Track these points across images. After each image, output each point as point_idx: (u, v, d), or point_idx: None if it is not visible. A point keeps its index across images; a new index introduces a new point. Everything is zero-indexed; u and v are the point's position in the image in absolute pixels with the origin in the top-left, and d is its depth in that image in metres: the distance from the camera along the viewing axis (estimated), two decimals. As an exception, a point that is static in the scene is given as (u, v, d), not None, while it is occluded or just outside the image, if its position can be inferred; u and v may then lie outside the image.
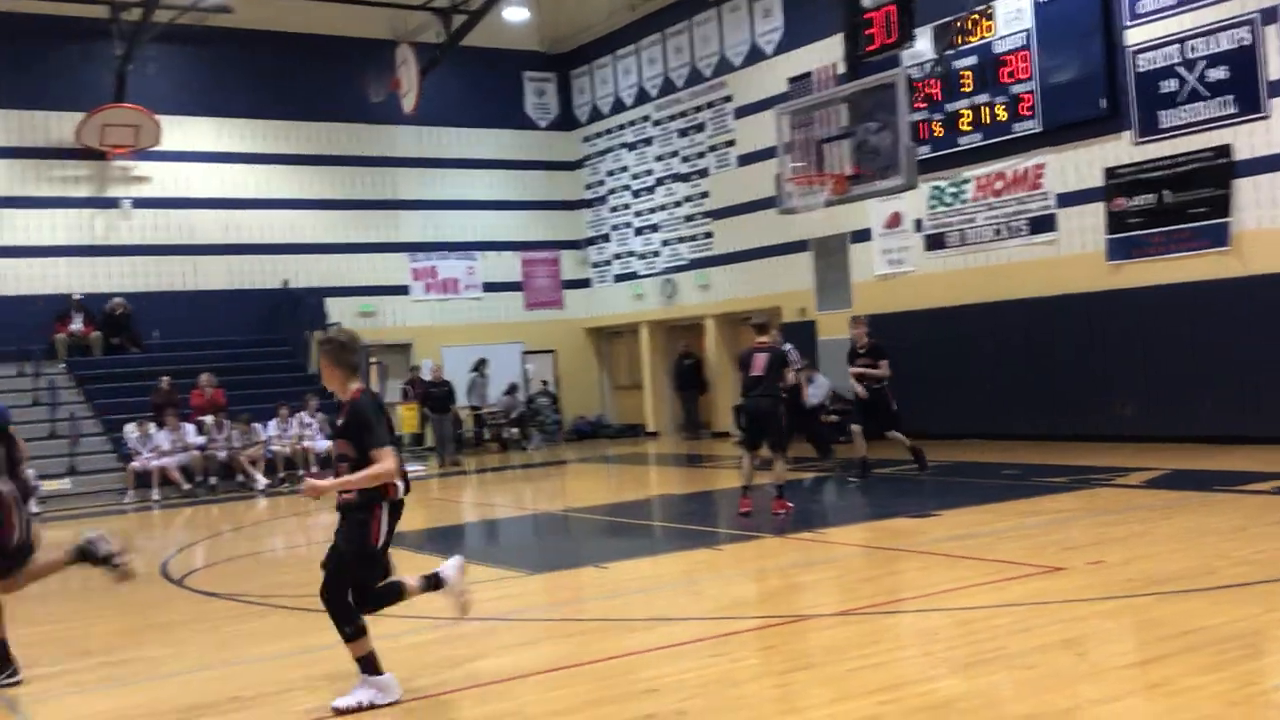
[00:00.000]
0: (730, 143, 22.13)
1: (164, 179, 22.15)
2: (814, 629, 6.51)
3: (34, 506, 16.21)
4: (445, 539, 11.83)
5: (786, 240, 20.47)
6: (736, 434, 21.00)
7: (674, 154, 23.57)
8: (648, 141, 24.22)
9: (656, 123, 23.94)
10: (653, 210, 24.21)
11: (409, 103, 22.10)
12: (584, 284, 26.16)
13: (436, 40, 22.24)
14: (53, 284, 20.96)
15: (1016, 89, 16.66)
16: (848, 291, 19.71)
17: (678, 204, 23.54)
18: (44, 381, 19.18)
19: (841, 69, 17.99)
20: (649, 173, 24.23)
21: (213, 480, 17.98)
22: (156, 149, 21.65)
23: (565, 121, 26.22)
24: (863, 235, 19.35)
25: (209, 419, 18.47)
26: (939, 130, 17.67)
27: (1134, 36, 15.37)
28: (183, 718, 5.47)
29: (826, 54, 19.23)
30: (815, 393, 19.55)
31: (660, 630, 6.77)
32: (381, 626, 7.39)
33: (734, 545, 9.78)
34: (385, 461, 5.33)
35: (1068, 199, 16.33)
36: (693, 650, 6.21)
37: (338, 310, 23.04)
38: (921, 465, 13.77)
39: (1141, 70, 15.28)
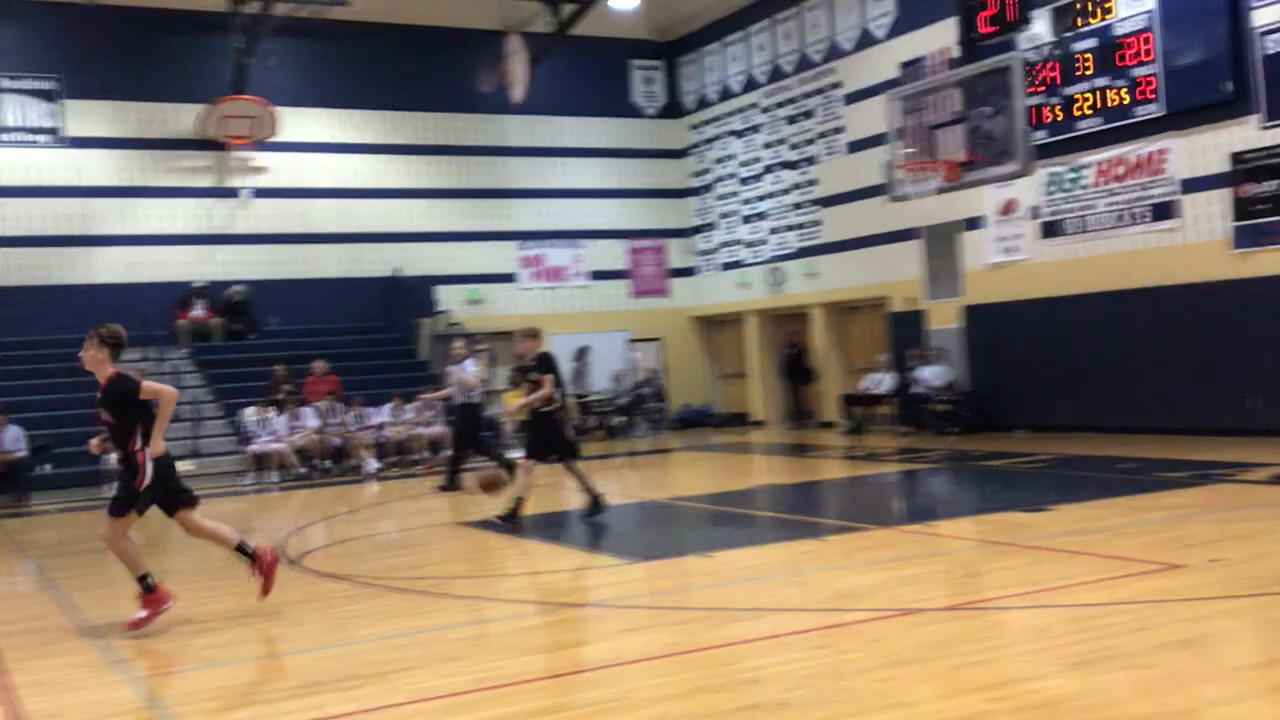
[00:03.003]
0: (839, 129, 21.89)
1: (281, 169, 22.71)
2: (921, 623, 6.42)
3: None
4: (551, 526, 11.94)
5: (896, 228, 20.19)
6: (844, 424, 20.82)
7: (782, 141, 23.39)
8: (755, 129, 24.08)
9: (765, 110, 23.79)
10: (760, 198, 24.08)
11: (518, 92, 22.29)
12: (690, 272, 26.14)
13: (546, 30, 22.39)
14: (175, 272, 21.66)
15: (1138, 72, 16.16)
16: (959, 280, 19.38)
17: (785, 192, 23.37)
18: (167, 366, 19.82)
19: (955, 53, 17.63)
20: (756, 160, 24.09)
21: (327, 464, 18.42)
22: (274, 140, 22.21)
23: (672, 109, 26.20)
24: (975, 223, 18.99)
25: (323, 404, 18.90)
26: (1056, 114, 17.24)
27: (1261, 17, 14.80)
28: (300, 695, 5.61)
29: (939, 38, 18.89)
30: (927, 380, 19.31)
31: (764, 620, 6.75)
32: (492, 610, 7.51)
33: (840, 536, 9.69)
34: None
35: (1191, 185, 15.81)
36: (797, 641, 6.18)
37: (447, 298, 23.42)
38: (595, 509, 11.47)
39: (1270, 52, 14.71)
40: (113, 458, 8.36)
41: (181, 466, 16.95)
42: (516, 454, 12.94)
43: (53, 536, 13.49)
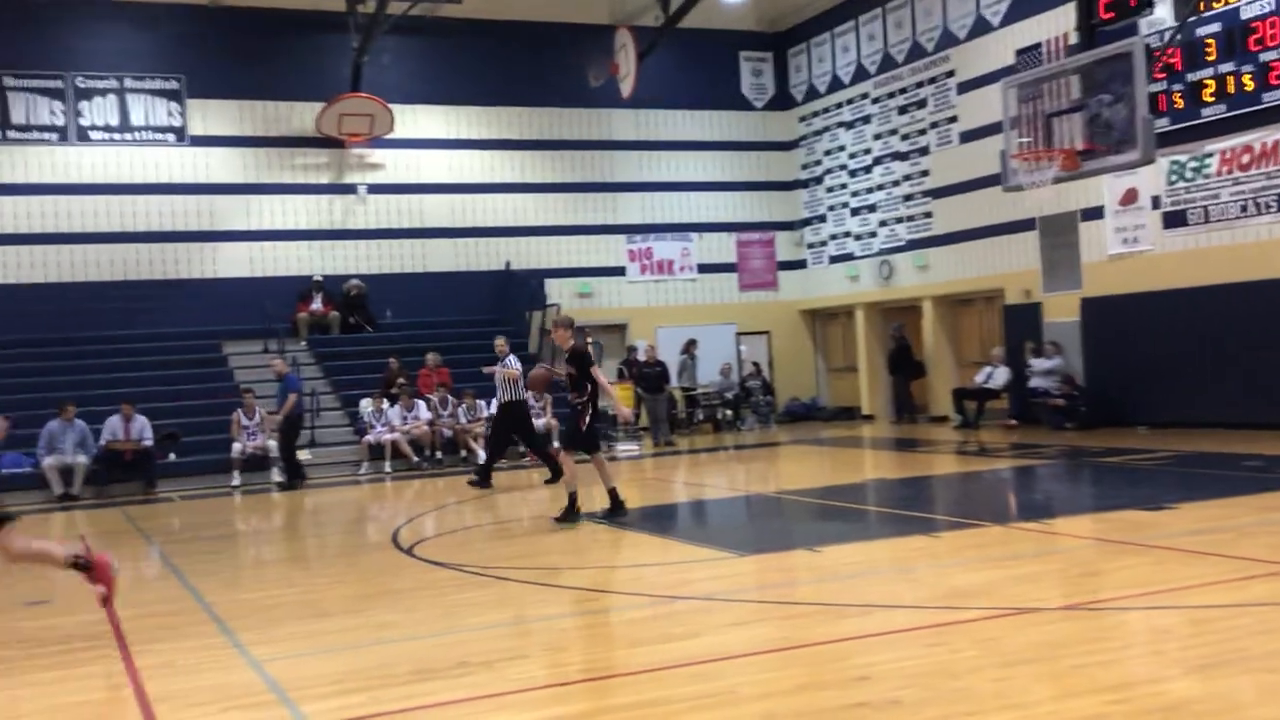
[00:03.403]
0: (952, 119, 21.51)
1: (396, 165, 23.15)
2: (1037, 623, 6.28)
3: (276, 475, 17.33)
4: (658, 519, 11.98)
5: (1011, 219, 19.75)
6: (956, 419, 20.47)
7: (893, 132, 23.07)
8: (866, 120, 23.79)
9: (875, 100, 23.49)
10: (870, 190, 23.78)
11: (627, 86, 22.36)
12: (799, 265, 25.95)
13: (655, 23, 22.41)
14: (295, 266, 22.23)
15: (1267, 57, 15.55)
16: (1077, 272, 18.89)
17: (896, 183, 23.05)
18: (287, 358, 20.31)
19: (1073, 39, 17.20)
20: (867, 152, 23.80)
21: (439, 454, 18.72)
22: (389, 137, 22.65)
23: (781, 101, 26.02)
24: (1094, 213, 18.49)
25: (435, 396, 19.22)
26: (1179, 102, 16.68)
27: (1404, -6, 14.13)
28: (412, 680, 5.72)
29: (1057, 24, 18.43)
30: (1043, 374, 18.88)
31: (874, 617, 6.67)
32: (599, 601, 7.55)
33: (952, 533, 9.53)
34: None
35: (1324, 172, 15.18)
36: (908, 639, 6.09)
37: (557, 291, 23.62)
38: (615, 510, 11.23)
39: None
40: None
41: (298, 456, 17.51)
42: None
43: (175, 524, 13.96)
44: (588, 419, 11.01)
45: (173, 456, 17.82)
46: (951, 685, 5.19)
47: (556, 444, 11.79)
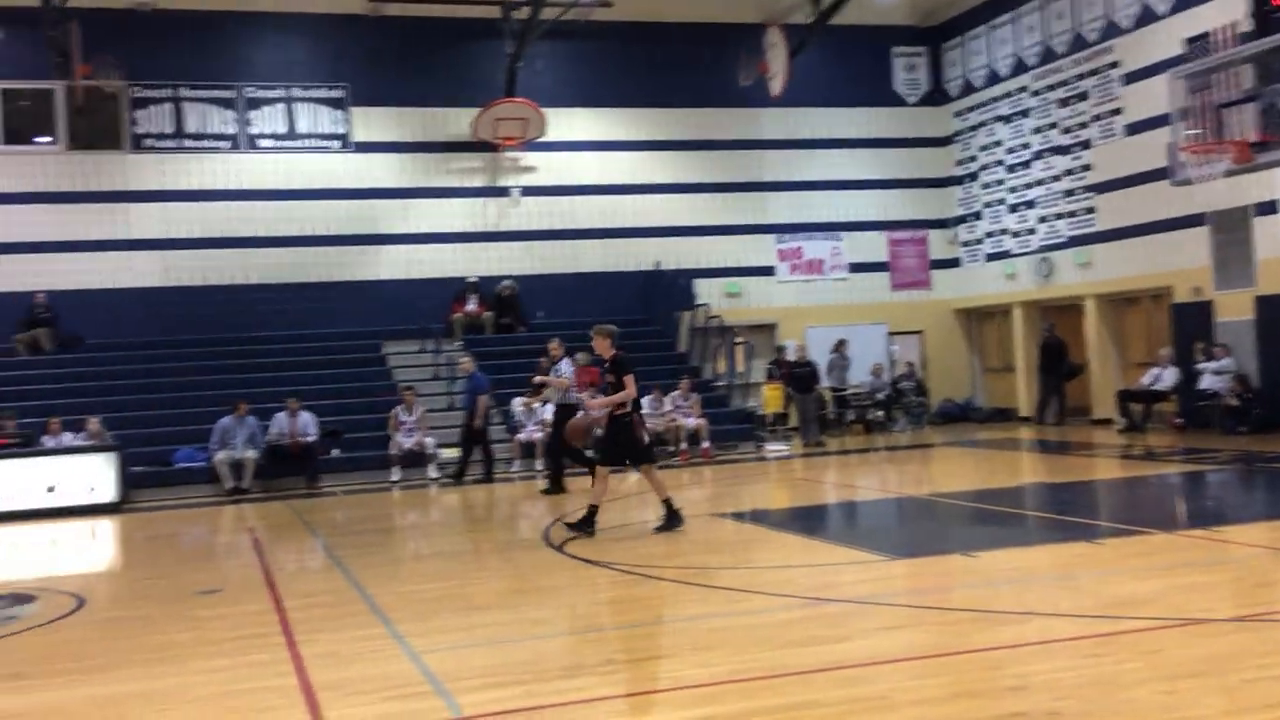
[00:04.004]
0: (1116, 111, 20.75)
1: (548, 168, 23.50)
2: (1206, 634, 6.01)
3: (433, 471, 17.78)
4: (808, 519, 11.88)
5: (1180, 214, 18.96)
6: (1120, 421, 19.75)
7: (1053, 125, 22.39)
8: (1024, 113, 23.14)
9: (1035, 93, 22.83)
10: (1028, 186, 23.13)
11: (776, 85, 22.23)
12: (953, 264, 25.40)
13: (805, 21, 22.23)
14: (450, 268, 22.76)
15: None
16: (1251, 269, 18.02)
17: (1056, 178, 22.36)
18: (443, 358, 20.85)
19: (1246, 27, 16.43)
20: (1025, 146, 23.15)
21: (589, 453, 18.90)
22: (542, 140, 23.01)
23: (935, 96, 25.51)
24: (1269, 207, 17.60)
25: (584, 396, 19.39)
26: (1364, 88, 15.75)
27: None
28: (564, 676, 5.80)
29: (1228, 11, 17.59)
30: (1214, 375, 18.10)
31: (1032, 625, 6.48)
32: (748, 602, 7.53)
33: (1116, 540, 9.20)
34: None
35: None
36: (1068, 648, 5.91)
37: (706, 291, 23.64)
38: (671, 522, 10.77)
39: None
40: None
41: (453, 453, 17.92)
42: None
43: (339, 517, 14.42)
44: (642, 430, 10.79)
45: (335, 452, 18.42)
46: (1114, 697, 5.02)
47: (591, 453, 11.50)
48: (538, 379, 15.95)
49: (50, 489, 15.85)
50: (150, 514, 15.51)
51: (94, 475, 16.09)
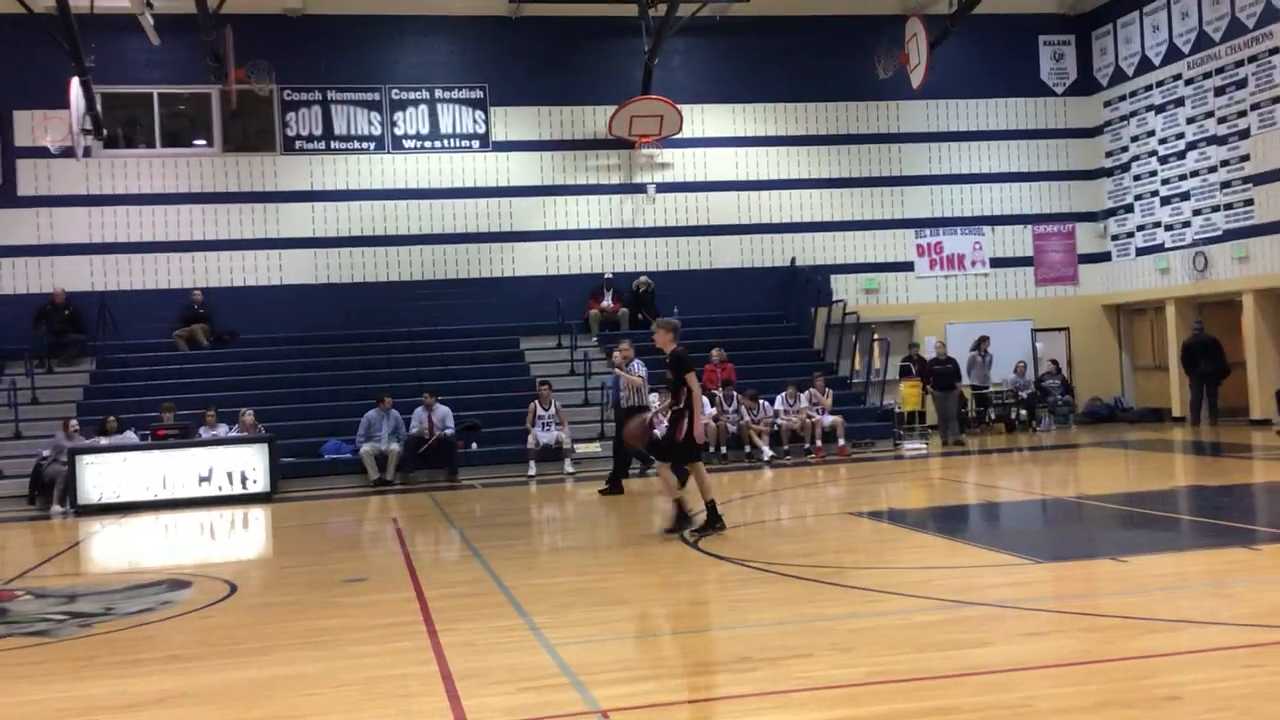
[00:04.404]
0: (1277, 100, 19.82)
1: (684, 164, 23.53)
2: (1376, 649, 5.70)
3: (568, 465, 17.97)
4: (947, 520, 11.65)
5: (1347, 205, 18.03)
6: (1279, 421, 18.85)
7: (1209, 115, 21.49)
8: (1178, 102, 22.27)
9: (1189, 81, 21.95)
10: (1182, 177, 22.25)
11: (917, 77, 21.82)
12: (1102, 258, 24.60)
13: (947, 10, 21.77)
14: (587, 264, 22.99)
15: None
16: None
17: (1212, 169, 21.46)
18: (579, 353, 21.06)
19: None
20: (1179, 136, 22.28)
21: (723, 450, 18.88)
22: (678, 136, 23.05)
23: (1084, 86, 24.73)
24: None
25: (719, 391, 19.40)
26: None
27: None
28: (698, 672, 5.80)
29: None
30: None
31: (1185, 633, 6.23)
32: (887, 603, 7.41)
33: (1274, 546, 8.79)
34: None
35: None
36: (1223, 658, 5.66)
37: (843, 287, 23.38)
38: (712, 520, 10.53)
39: None
40: None
41: (588, 448, 18.09)
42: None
43: (477, 510, 14.69)
44: (685, 426, 10.47)
45: (475, 446, 18.76)
46: (1274, 710, 4.79)
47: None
48: (618, 373, 16.00)
49: (206, 478, 16.52)
50: (299, 503, 16.05)
51: (247, 465, 16.72)
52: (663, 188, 23.46)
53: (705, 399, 19.05)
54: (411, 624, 7.24)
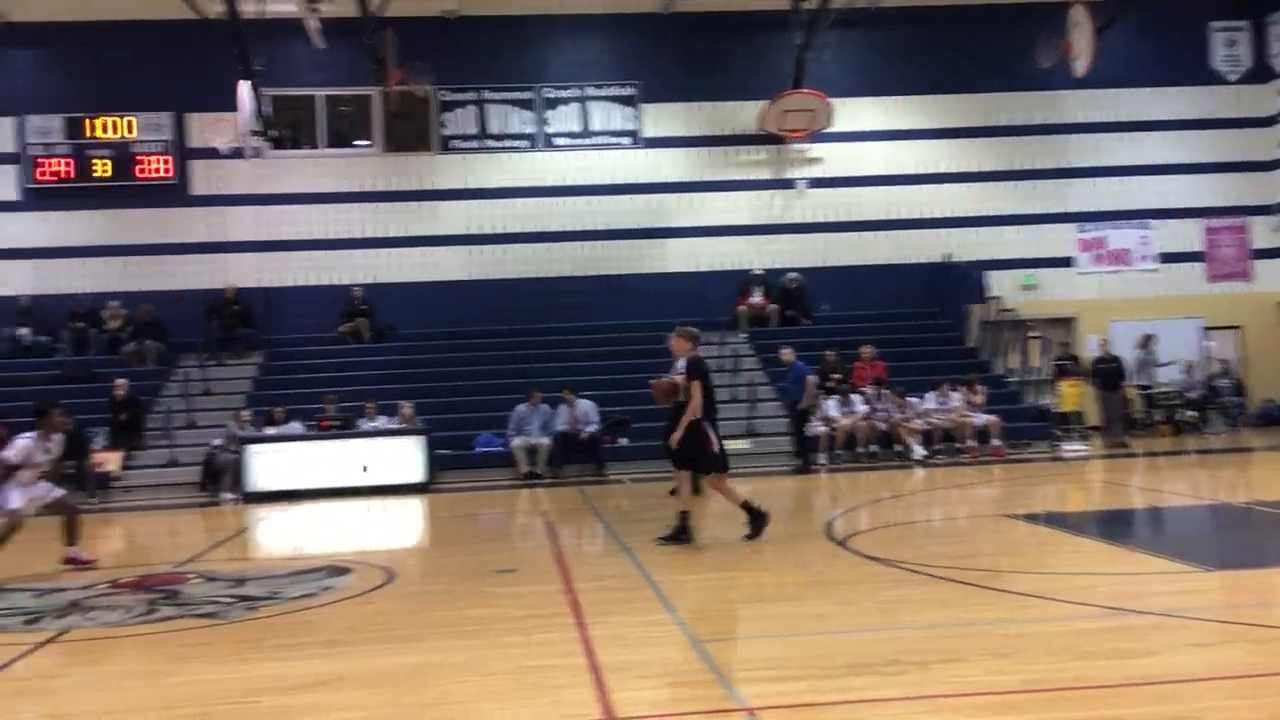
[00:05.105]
0: None
1: (835, 159, 23.25)
2: None
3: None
4: (1110, 524, 11.24)
5: None
6: None
7: (1399, 99, 20.24)
8: (1364, 87, 21.04)
9: (1377, 65, 20.71)
10: (1369, 166, 21.02)
11: (1080, 66, 21.10)
12: (1278, 254, 23.40)
13: (1112, -3, 21.01)
14: (735, 261, 22.91)
15: None
16: None
17: (1402, 158, 20.21)
18: (728, 350, 21.01)
19: None
20: (1365, 123, 21.06)
21: (873, 448, 18.59)
22: (828, 131, 22.79)
23: (1259, 73, 23.57)
24: None
25: (870, 389, 19.10)
26: None
27: None
28: (847, 674, 5.71)
29: None
30: None
31: (1370, 650, 5.87)
32: (1045, 609, 7.17)
33: None
34: None
35: None
36: None
37: (999, 284, 22.76)
38: (756, 527, 10.26)
39: None
40: None
41: (736, 445, 18.03)
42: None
43: (625, 504, 14.78)
44: (712, 436, 10.26)
45: (623, 441, 18.88)
46: None
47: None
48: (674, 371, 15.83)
49: (365, 468, 17.04)
50: (452, 495, 16.41)
51: (404, 457, 17.18)
52: (813, 183, 23.24)
53: (856, 396, 18.84)
54: (560, 616, 7.32)
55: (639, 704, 5.32)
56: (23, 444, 10.11)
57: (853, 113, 23.03)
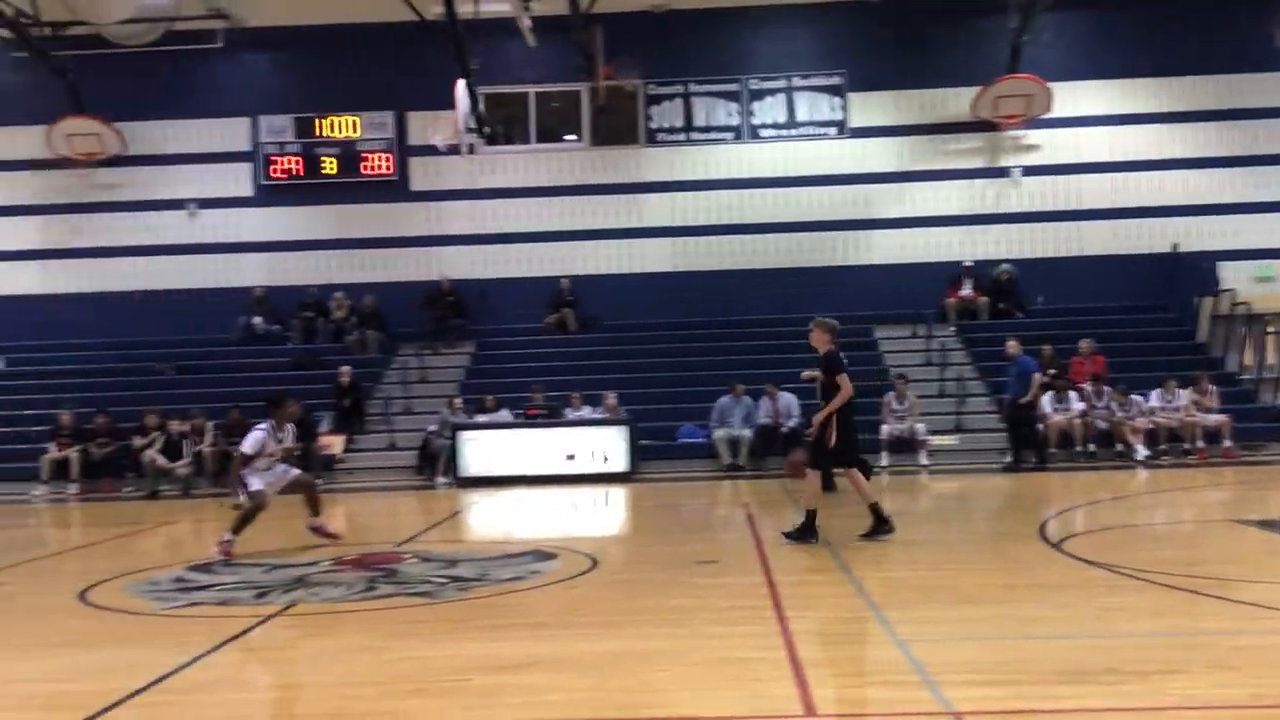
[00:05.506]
0: None
1: (1053, 146, 22.39)
2: None
3: (923, 458, 17.56)
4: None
5: None
6: None
7: None
8: None
9: None
10: None
11: (1326, 41, 19.69)
12: None
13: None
14: (944, 252, 22.34)
15: None
16: None
17: None
18: (935, 344, 20.53)
19: None
20: None
21: (1090, 447, 17.84)
22: (1046, 116, 21.95)
23: None
24: None
25: (1086, 385, 18.33)
26: None
27: None
28: (1060, 681, 5.50)
29: None
30: None
31: None
32: (1240, 620, 6.74)
33: None
34: None
35: None
36: None
37: (1232, 275, 21.48)
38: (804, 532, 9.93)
39: None
40: None
41: (943, 440, 17.61)
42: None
43: (826, 498, 14.58)
44: (834, 432, 9.94)
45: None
46: None
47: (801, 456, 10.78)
48: (806, 375, 15.33)
49: (570, 457, 17.41)
50: (655, 484, 16.60)
51: (608, 446, 17.48)
52: (1028, 171, 22.45)
53: (1072, 393, 18.11)
54: (761, 609, 7.30)
55: (840, 701, 5.26)
56: (257, 435, 10.72)
57: (1072, 97, 22.10)
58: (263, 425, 10.79)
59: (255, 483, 10.60)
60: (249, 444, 10.67)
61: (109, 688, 5.75)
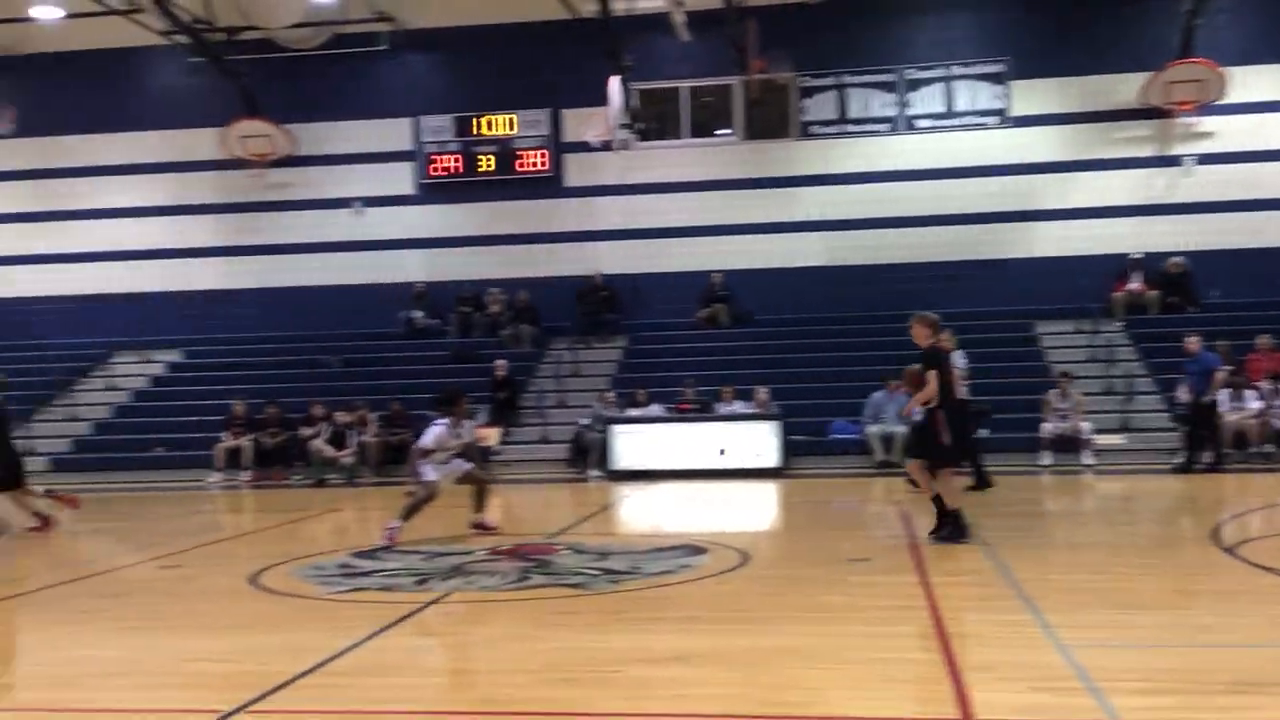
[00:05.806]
0: None
1: (1229, 132, 21.37)
2: None
3: (1087, 457, 16.98)
4: None
5: None
6: None
7: None
8: None
9: None
10: None
11: None
12: None
13: None
14: (1110, 244, 21.53)
15: None
16: None
17: None
18: (1101, 339, 19.83)
19: None
20: None
21: (1268, 448, 16.98)
22: (1221, 102, 20.96)
23: None
24: None
25: (1265, 384, 17.45)
26: None
27: None
28: (1231, 692, 5.26)
29: None
30: None
31: None
32: None
33: None
34: None
35: None
36: None
37: None
38: (954, 533, 9.71)
39: None
40: None
41: (1109, 440, 17.00)
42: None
43: (984, 498, 14.24)
44: (942, 428, 9.65)
45: (984, 433, 18.22)
46: None
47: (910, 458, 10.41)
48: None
49: (722, 451, 17.41)
50: (806, 480, 16.47)
51: (760, 441, 17.42)
52: (1202, 159, 21.47)
53: (1249, 391, 17.26)
54: (915, 609, 7.17)
55: (999, 707, 5.12)
56: (437, 431, 11.02)
57: (1250, 81, 21.03)
58: (442, 421, 11.08)
59: (430, 474, 10.90)
60: (429, 438, 10.97)
61: (276, 669, 5.99)
